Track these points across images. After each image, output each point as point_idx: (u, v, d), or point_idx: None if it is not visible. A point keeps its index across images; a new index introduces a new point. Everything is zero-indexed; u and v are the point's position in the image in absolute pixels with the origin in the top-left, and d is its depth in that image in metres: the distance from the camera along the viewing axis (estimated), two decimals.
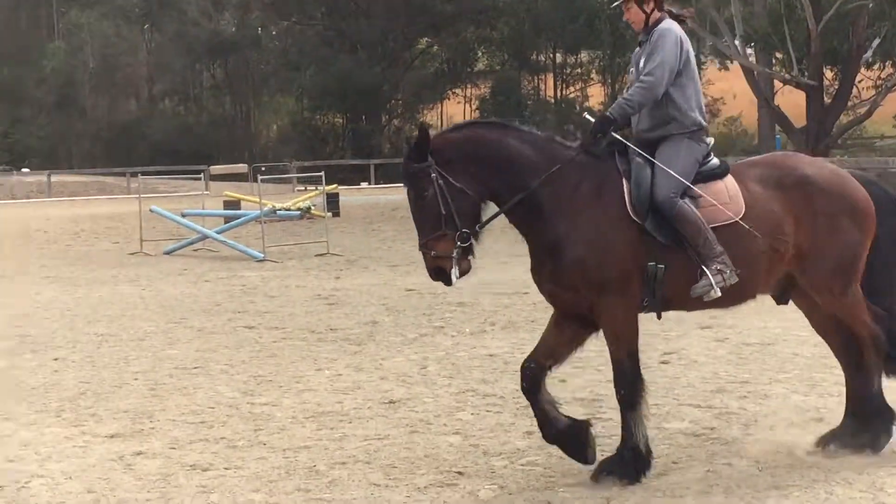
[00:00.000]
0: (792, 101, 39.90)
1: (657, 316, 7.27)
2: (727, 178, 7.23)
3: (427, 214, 6.88)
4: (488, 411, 8.91)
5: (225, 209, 28.95)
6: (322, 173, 25.97)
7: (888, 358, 7.46)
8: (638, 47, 7.44)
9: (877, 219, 7.41)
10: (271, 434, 8.35)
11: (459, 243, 6.84)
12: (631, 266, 6.94)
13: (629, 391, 7.03)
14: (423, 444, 7.94)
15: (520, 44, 67.01)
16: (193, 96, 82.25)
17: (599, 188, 7.06)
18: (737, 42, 36.18)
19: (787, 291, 7.56)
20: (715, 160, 7.39)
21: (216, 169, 47.60)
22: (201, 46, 74.53)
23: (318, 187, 28.05)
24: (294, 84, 71.33)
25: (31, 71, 78.23)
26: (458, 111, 71.75)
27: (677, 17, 7.40)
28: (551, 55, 70.96)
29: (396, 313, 14.04)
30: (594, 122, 7.19)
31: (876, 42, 35.81)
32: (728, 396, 9.10)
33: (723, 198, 7.10)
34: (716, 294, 6.93)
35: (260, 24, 77.21)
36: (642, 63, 7.27)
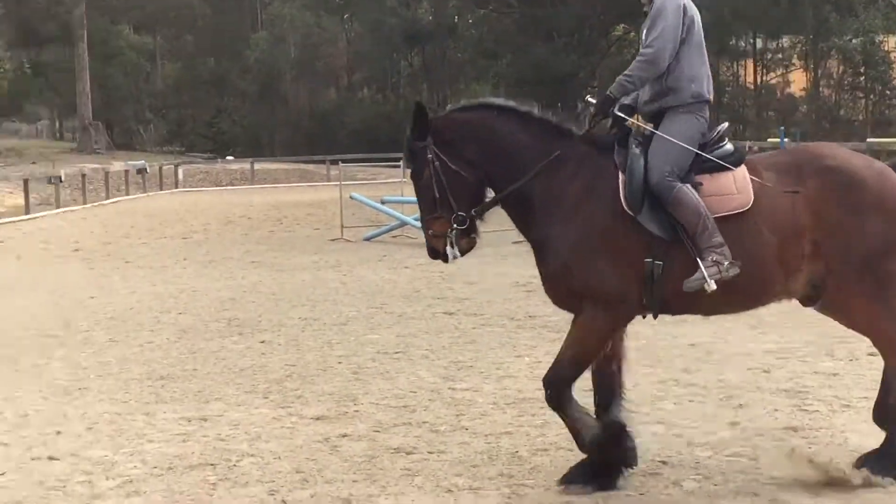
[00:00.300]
0: None
1: (653, 316, 6.84)
2: (739, 168, 6.66)
3: (424, 194, 6.81)
4: (691, 401, 8.80)
5: None
6: None
7: None
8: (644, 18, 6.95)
9: None
10: (473, 419, 8.41)
11: (456, 225, 6.73)
12: (624, 274, 6.51)
13: (553, 394, 6.71)
14: None
15: (719, 29, 65.85)
16: (391, 85, 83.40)
17: (593, 183, 6.67)
18: None
19: (816, 294, 6.74)
20: (728, 146, 6.81)
21: None
22: (399, 35, 75.52)
23: None
24: (490, 72, 71.68)
25: (236, 62, 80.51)
26: None
27: None
28: (751, 40, 69.62)
29: None
30: (595, 104, 6.87)
31: None
32: None
33: (729, 188, 6.56)
34: (710, 287, 6.35)
35: (456, 13, 77.78)
36: (644, 35, 6.85)
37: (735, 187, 6.56)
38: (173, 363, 10.81)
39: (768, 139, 47.30)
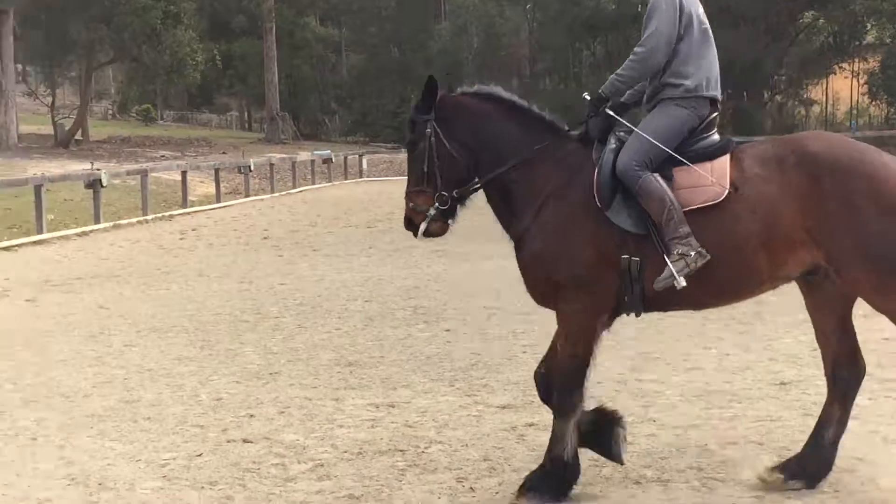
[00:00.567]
0: None
1: (636, 314, 6.66)
2: (719, 158, 6.41)
3: (414, 167, 6.84)
4: (886, 396, 8.55)
5: None
6: None
7: None
8: None
9: None
10: (661, 411, 8.33)
11: (438, 204, 6.77)
12: (597, 264, 6.38)
13: (562, 399, 6.61)
14: None
15: None
16: (573, 74, 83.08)
17: (571, 179, 6.57)
18: None
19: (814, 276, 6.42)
20: (714, 136, 6.61)
21: None
22: (581, 24, 75.17)
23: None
24: None
25: (419, 52, 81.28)
26: (845, 86, 69.16)
27: None
28: None
29: (782, 294, 13.65)
30: (589, 102, 6.75)
31: None
32: None
33: (705, 179, 6.32)
34: (680, 284, 6.18)
35: (640, 1, 77.00)
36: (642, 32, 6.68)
37: (711, 178, 6.33)
38: (361, 350, 10.98)
39: None
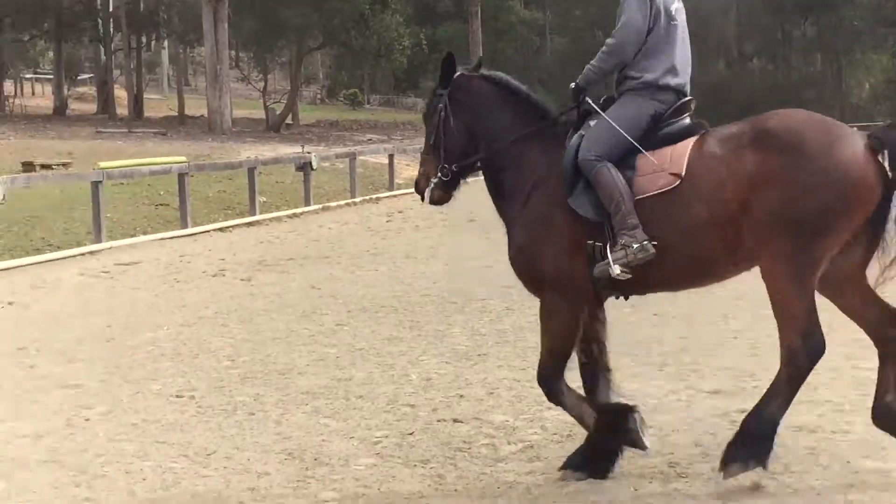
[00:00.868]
0: None
1: (616, 298, 6.85)
2: (682, 142, 6.47)
3: (427, 135, 7.22)
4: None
5: None
6: None
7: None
8: None
9: None
10: None
11: (440, 175, 7.12)
12: (575, 253, 6.57)
13: (547, 392, 6.82)
14: None
15: None
16: (782, 55, 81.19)
17: (549, 167, 6.77)
18: None
19: None
20: (684, 121, 6.71)
21: None
22: (792, 4, 73.34)
23: None
24: (889, 40, 68.45)
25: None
26: None
27: None
28: None
29: None
30: (571, 92, 6.98)
31: None
32: None
33: (663, 163, 6.39)
34: (615, 272, 6.34)
35: None
36: None
37: (668, 164, 6.40)
38: None
39: None
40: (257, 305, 13.23)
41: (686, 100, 6.82)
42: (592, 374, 6.98)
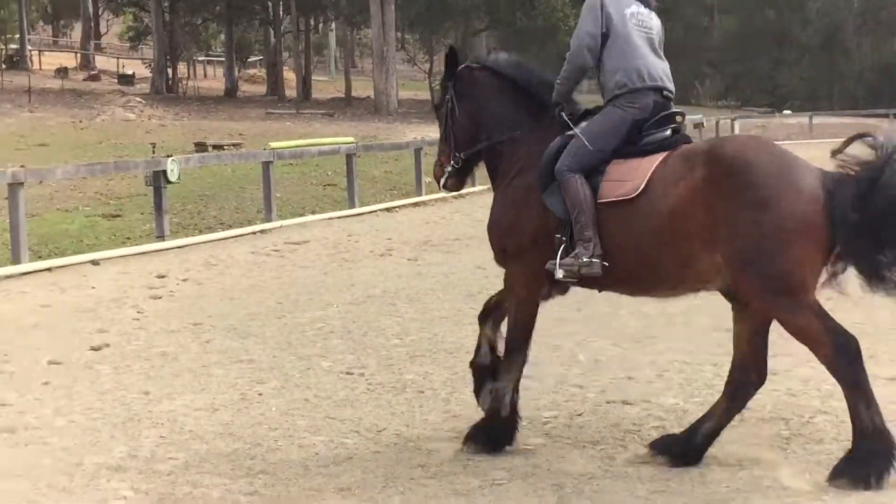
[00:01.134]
0: None
1: (598, 290, 7.06)
2: (652, 155, 6.66)
3: (439, 126, 7.66)
4: None
5: None
6: None
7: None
8: None
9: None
10: None
11: (452, 163, 7.49)
12: (539, 239, 6.87)
13: (507, 358, 7.10)
14: None
15: None
16: None
17: (534, 161, 7.03)
18: None
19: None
20: (665, 132, 6.88)
21: None
22: None
23: None
24: None
25: (796, 13, 78.80)
26: None
27: None
28: None
29: None
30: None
31: None
32: None
33: (629, 174, 6.64)
34: (558, 274, 6.69)
35: None
36: None
37: (634, 174, 6.62)
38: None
39: None
40: (424, 285, 13.33)
41: (670, 112, 6.97)
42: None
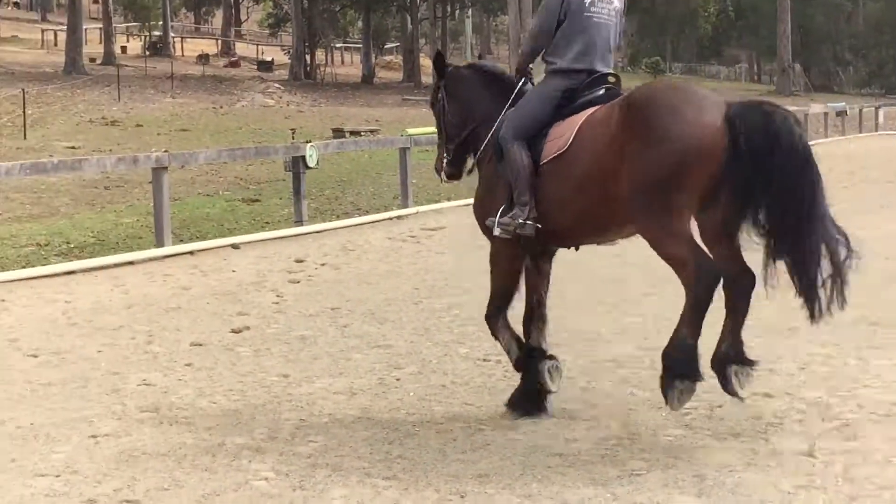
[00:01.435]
0: None
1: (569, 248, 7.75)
2: (583, 111, 7.22)
3: (436, 122, 8.40)
4: None
5: None
6: None
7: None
8: None
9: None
10: None
11: (446, 155, 8.22)
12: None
13: (490, 323, 7.75)
14: None
15: None
16: None
17: None
18: None
19: None
20: (599, 91, 7.44)
21: None
22: None
23: None
24: None
25: None
26: None
27: None
28: None
29: None
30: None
31: None
32: None
33: (562, 132, 7.22)
34: (496, 231, 7.38)
35: None
36: None
37: (566, 130, 7.20)
38: (884, 309, 10.54)
39: None
40: (559, 272, 13.16)
41: (601, 73, 7.56)
42: (529, 320, 7.76)
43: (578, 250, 7.81)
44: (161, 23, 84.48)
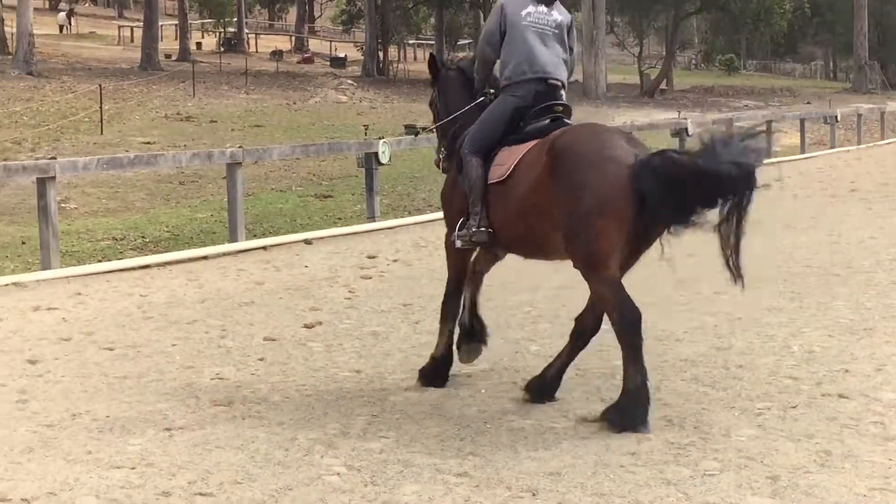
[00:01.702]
0: None
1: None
2: (526, 143, 7.75)
3: (433, 119, 9.11)
4: None
5: None
6: None
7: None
8: None
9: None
10: None
11: (442, 149, 8.89)
12: (462, 208, 8.11)
13: (445, 305, 8.63)
14: None
15: None
16: None
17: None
18: None
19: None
20: (544, 122, 7.96)
21: None
22: None
23: None
24: None
25: None
26: None
27: None
28: None
29: None
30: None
31: None
32: None
33: (505, 160, 7.81)
34: (458, 244, 8.10)
35: None
36: None
37: (508, 159, 7.78)
38: None
39: None
40: (632, 271, 13.16)
41: (550, 104, 8.06)
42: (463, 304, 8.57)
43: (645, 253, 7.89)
44: (235, 19, 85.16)
